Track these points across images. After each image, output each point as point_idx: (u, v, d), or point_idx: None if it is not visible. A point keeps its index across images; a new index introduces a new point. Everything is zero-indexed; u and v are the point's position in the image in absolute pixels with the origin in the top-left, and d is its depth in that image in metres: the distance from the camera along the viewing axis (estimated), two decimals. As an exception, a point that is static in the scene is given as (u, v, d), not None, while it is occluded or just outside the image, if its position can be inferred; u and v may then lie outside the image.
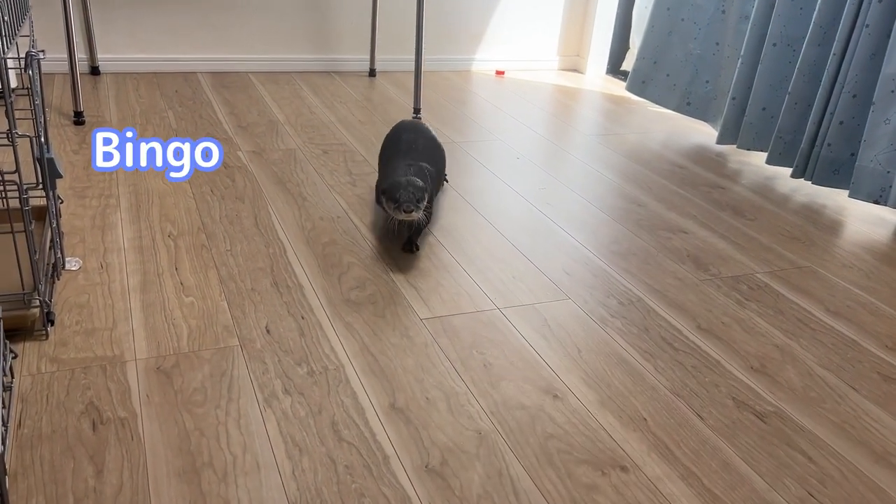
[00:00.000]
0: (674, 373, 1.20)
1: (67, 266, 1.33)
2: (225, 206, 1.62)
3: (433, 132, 1.76)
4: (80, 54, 2.45)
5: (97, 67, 2.47)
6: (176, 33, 2.54)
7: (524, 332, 1.27)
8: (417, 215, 1.43)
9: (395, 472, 0.95)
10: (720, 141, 2.23)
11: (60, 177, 1.09)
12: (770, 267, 1.58)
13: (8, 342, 1.02)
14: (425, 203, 1.45)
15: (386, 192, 1.45)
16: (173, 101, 2.28)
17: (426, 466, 0.96)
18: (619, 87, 2.94)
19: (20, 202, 1.04)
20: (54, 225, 1.18)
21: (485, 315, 1.31)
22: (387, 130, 2.20)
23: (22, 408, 1.00)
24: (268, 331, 1.21)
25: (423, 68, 2.91)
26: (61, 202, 1.54)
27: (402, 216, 1.43)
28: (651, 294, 1.43)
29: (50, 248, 1.25)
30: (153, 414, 1.00)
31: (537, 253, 1.55)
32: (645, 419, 1.08)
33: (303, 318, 1.25)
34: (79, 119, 2.02)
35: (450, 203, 1.75)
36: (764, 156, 2.28)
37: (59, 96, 2.23)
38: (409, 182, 1.44)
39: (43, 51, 1.10)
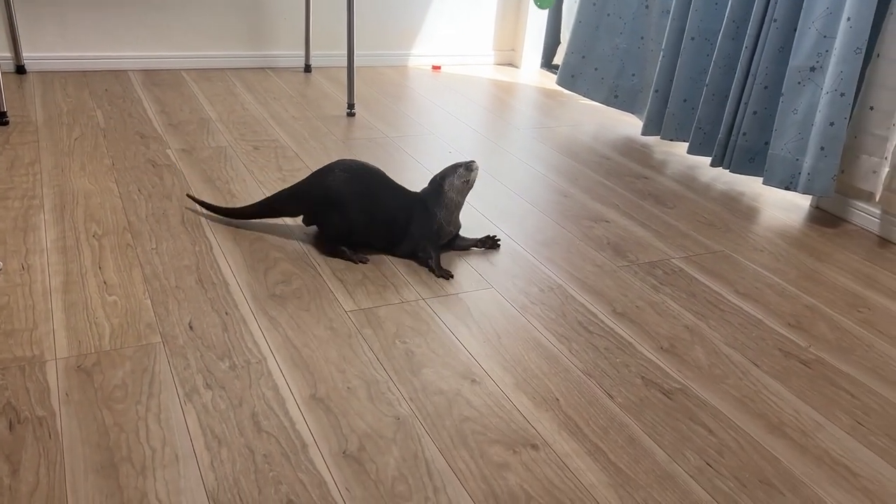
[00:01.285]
0: (587, 355, 1.25)
1: (-14, 268, 1.32)
2: (152, 205, 1.62)
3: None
4: (4, 53, 2.40)
5: (23, 66, 2.42)
6: (106, 31, 2.51)
7: (447, 320, 1.31)
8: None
9: (313, 458, 0.98)
10: (645, 132, 2.30)
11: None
12: (686, 252, 1.65)
13: (-80, 345, 1.02)
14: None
15: (457, 167, 1.50)
16: (102, 100, 2.26)
17: (344, 452, 0.99)
18: (553, 81, 3.00)
19: (-71, 204, 1.03)
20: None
21: (409, 306, 1.35)
22: (321, 126, 2.22)
23: (-64, 410, 1.00)
24: (191, 327, 1.22)
25: (359, 63, 2.93)
26: (-20, 204, 1.52)
27: (475, 171, 1.50)
28: (570, 281, 1.48)
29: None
30: (72, 412, 1.01)
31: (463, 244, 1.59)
32: (557, 399, 1.14)
33: (227, 313, 1.27)
34: (1, 119, 1.98)
35: (380, 197, 1.78)
36: (685, 146, 2.36)
37: (-19, 96, 2.18)
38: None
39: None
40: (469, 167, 1.51)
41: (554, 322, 1.34)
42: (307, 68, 2.79)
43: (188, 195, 1.64)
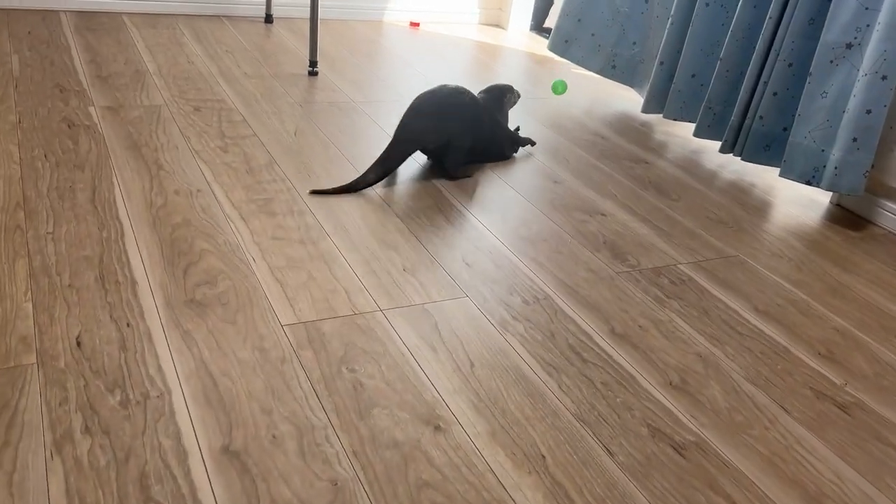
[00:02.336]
0: (581, 392, 1.01)
1: None
2: (58, 176, 1.33)
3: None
4: None
5: (-69, 0, 2.09)
6: (32, -37, 2.17)
7: (409, 340, 1.06)
8: None
9: (216, 545, 0.73)
10: (645, 109, 2.04)
11: None
12: (694, 256, 1.41)
13: None
14: None
15: (509, 89, 1.77)
16: (23, 45, 1.94)
17: (258, 536, 0.74)
18: (543, 46, 2.72)
19: None
20: None
21: (363, 319, 1.09)
22: (276, 86, 1.92)
23: None
24: (78, 343, 0.95)
25: (327, 15, 2.62)
26: None
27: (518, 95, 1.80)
28: (560, 289, 1.23)
29: None
30: None
31: (435, 239, 1.33)
32: (543, 456, 0.89)
33: (128, 325, 1.00)
34: None
35: (340, 174, 1.50)
36: (690, 127, 2.11)
37: None
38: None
39: None
40: (515, 92, 1.79)
41: (540, 345, 1.09)
42: (268, 18, 2.47)
43: (313, 192, 1.43)
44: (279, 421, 0.88)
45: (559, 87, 2.06)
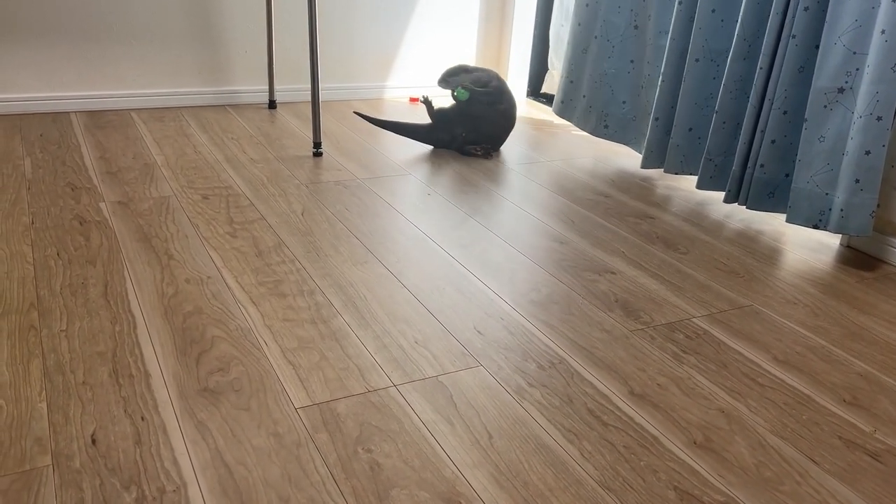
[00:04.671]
0: (603, 458, 0.99)
1: None
2: (71, 273, 1.35)
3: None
4: (-74, 96, 2.14)
5: (-53, 111, 2.16)
6: (43, 68, 2.26)
7: (424, 415, 1.04)
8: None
9: None
10: (645, 165, 2.07)
11: None
12: (708, 309, 1.39)
13: None
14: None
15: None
16: (34, 147, 2.00)
17: None
18: (540, 111, 2.78)
19: None
20: None
21: (377, 396, 1.08)
22: (283, 169, 1.96)
23: None
24: (93, 441, 0.95)
25: (328, 98, 2.69)
26: None
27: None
28: (575, 352, 1.22)
29: None
30: None
31: (446, 309, 1.33)
32: (569, 528, 0.87)
33: (143, 419, 0.99)
34: None
35: (348, 251, 1.52)
36: (692, 179, 2.12)
37: None
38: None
39: None
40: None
41: (558, 411, 1.07)
42: (271, 104, 2.54)
43: (356, 112, 2.17)
44: (297, 508, 0.87)
45: (462, 95, 2.17)
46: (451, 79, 2.33)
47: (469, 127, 2.15)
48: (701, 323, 1.34)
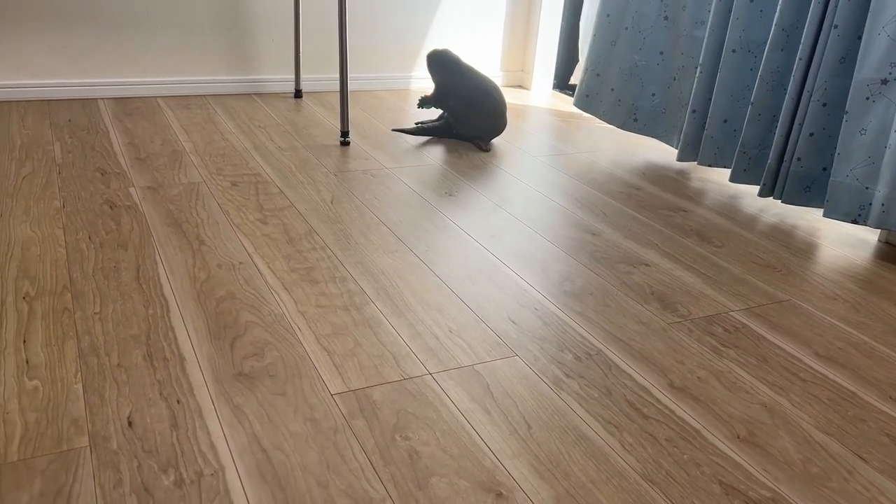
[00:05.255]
0: (645, 450, 0.97)
1: None
2: (102, 257, 1.35)
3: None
4: (-43, 81, 2.15)
5: (-23, 95, 2.17)
6: (73, 56, 2.26)
7: (461, 404, 1.03)
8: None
9: None
10: (681, 157, 2.03)
11: None
12: (745, 303, 1.37)
13: None
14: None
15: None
16: (63, 132, 2.00)
17: None
18: (567, 104, 2.75)
19: None
20: None
21: (413, 384, 1.06)
22: (310, 157, 1.95)
23: None
24: (130, 423, 0.94)
25: (355, 87, 2.68)
26: None
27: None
28: (612, 344, 1.20)
29: None
30: (-54, 563, 0.73)
31: (479, 298, 1.31)
32: (613, 521, 0.85)
33: (178, 402, 0.99)
34: (-60, 156, 1.72)
35: (379, 239, 1.50)
36: (725, 173, 2.09)
37: (-76, 130, 1.93)
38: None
39: None
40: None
41: (597, 403, 1.05)
42: (297, 93, 2.53)
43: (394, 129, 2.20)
44: (336, 495, 0.85)
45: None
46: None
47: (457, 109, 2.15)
48: (739, 316, 1.32)
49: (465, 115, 2.14)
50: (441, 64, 2.18)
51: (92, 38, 2.26)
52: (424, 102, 2.18)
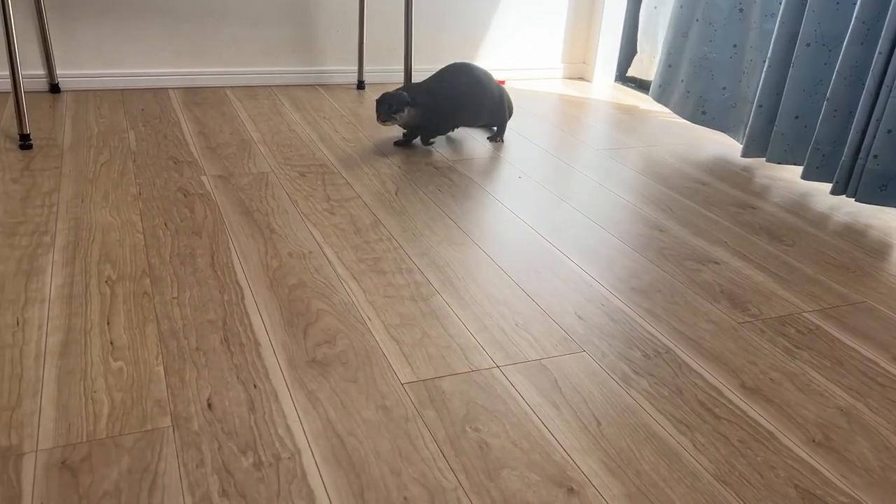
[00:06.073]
0: (717, 451, 0.95)
1: (-28, 324, 1.09)
2: (178, 243, 1.39)
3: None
4: (37, 70, 2.24)
5: (57, 85, 2.25)
6: (145, 46, 2.33)
7: (529, 398, 1.03)
8: (391, 123, 1.91)
9: None
10: (746, 153, 1.99)
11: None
12: (819, 304, 1.34)
13: None
14: (404, 113, 1.90)
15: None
16: (137, 121, 2.06)
17: None
18: (630, 96, 2.71)
19: None
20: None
21: (481, 376, 1.07)
22: (375, 149, 1.97)
23: None
24: (209, 405, 0.97)
25: (417, 79, 2.69)
26: (-23, 244, 1.31)
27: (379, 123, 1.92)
28: (682, 342, 1.19)
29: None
30: (44, 532, 0.77)
31: (544, 293, 1.31)
32: (686, 520, 0.84)
33: (255, 386, 1.01)
34: (24, 142, 1.80)
35: (443, 232, 1.51)
36: (794, 170, 2.04)
37: (7, 118, 2.01)
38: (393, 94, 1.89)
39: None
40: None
41: (668, 402, 1.04)
42: (360, 84, 2.56)
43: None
44: (409, 482, 0.87)
45: None
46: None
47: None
48: (812, 318, 1.29)
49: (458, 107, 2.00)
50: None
51: (164, 30, 2.33)
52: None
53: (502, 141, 2.11)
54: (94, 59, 2.29)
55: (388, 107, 1.89)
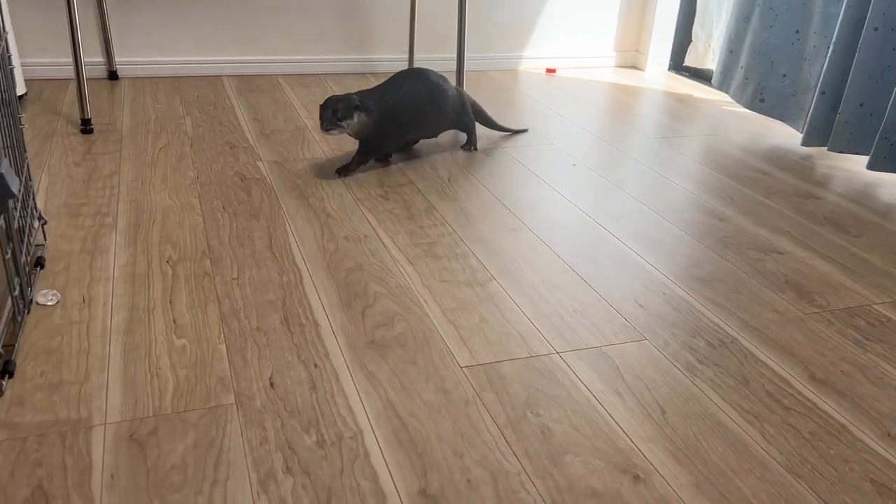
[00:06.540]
0: (788, 442, 0.93)
1: (42, 301, 1.12)
2: (237, 225, 1.40)
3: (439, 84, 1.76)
4: (97, 58, 2.28)
5: (115, 72, 2.30)
6: (199, 34, 2.36)
7: (591, 384, 1.02)
8: (337, 133, 1.62)
9: (425, 593, 0.70)
10: (806, 142, 1.93)
11: (13, 196, 0.88)
12: (890, 296, 1.29)
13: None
14: (352, 119, 1.61)
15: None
16: (193, 107, 2.09)
17: (467, 585, 0.71)
18: (684, 85, 2.65)
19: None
20: (7, 255, 0.97)
21: (540, 362, 1.06)
22: (425, 135, 1.96)
23: (-48, 493, 0.79)
24: (272, 384, 0.98)
25: (467, 67, 2.68)
26: (44, 223, 1.34)
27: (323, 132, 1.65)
28: (747, 332, 1.16)
29: (16, 277, 1.05)
30: (115, 503, 0.78)
31: (603, 280, 1.29)
32: (757, 512, 0.82)
33: (315, 366, 1.02)
34: (86, 127, 1.83)
35: (497, 217, 1.50)
36: (857, 159, 1.97)
37: (69, 103, 2.06)
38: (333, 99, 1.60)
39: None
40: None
41: (734, 392, 1.02)
42: (410, 72, 2.55)
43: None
44: (472, 464, 0.86)
45: None
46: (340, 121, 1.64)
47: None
48: (883, 310, 1.24)
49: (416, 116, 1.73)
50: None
51: (218, 19, 2.35)
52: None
53: (476, 149, 1.87)
54: (150, 47, 2.33)
55: (331, 112, 1.57)
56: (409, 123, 1.71)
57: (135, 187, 1.55)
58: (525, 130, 2.02)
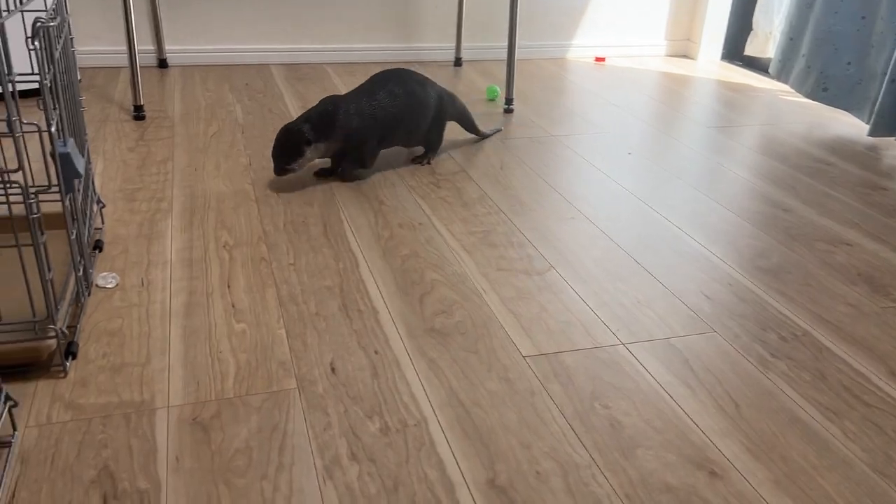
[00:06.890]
0: (871, 440, 0.88)
1: (101, 283, 1.12)
2: (291, 212, 1.39)
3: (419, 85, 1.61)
4: (147, 46, 2.30)
5: (165, 60, 2.31)
6: (248, 24, 2.36)
7: (660, 377, 0.98)
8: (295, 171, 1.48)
9: (499, 586, 0.68)
10: (873, 132, 1.86)
11: (79, 176, 0.88)
12: (970, 290, 1.23)
13: (3, 388, 0.81)
14: (304, 157, 1.46)
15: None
16: (242, 95, 2.09)
17: (541, 579, 0.69)
18: (738, 74, 2.58)
19: (26, 208, 0.83)
20: (73, 235, 0.97)
21: (605, 353, 1.03)
22: (477, 123, 1.94)
23: (20, 472, 0.78)
24: (333, 369, 0.96)
25: (520, 56, 2.64)
26: (103, 206, 1.35)
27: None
28: (820, 326, 1.11)
29: (80, 262, 1.05)
30: (181, 485, 0.77)
31: (665, 270, 1.25)
32: (843, 512, 0.78)
33: (376, 352, 1.00)
34: (138, 114, 1.84)
35: (552, 206, 1.47)
36: (929, 149, 1.89)
37: (121, 90, 2.07)
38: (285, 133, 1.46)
39: (57, 18, 0.89)
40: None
41: (810, 386, 0.97)
42: (457, 62, 2.53)
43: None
44: (540, 456, 0.83)
45: (492, 93, 2.07)
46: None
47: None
48: (964, 305, 1.18)
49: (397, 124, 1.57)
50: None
51: (266, 8, 2.35)
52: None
53: (430, 163, 1.66)
54: (199, 36, 2.34)
55: (279, 161, 1.44)
56: (383, 138, 1.56)
57: (188, 173, 1.55)
58: (500, 130, 1.89)
